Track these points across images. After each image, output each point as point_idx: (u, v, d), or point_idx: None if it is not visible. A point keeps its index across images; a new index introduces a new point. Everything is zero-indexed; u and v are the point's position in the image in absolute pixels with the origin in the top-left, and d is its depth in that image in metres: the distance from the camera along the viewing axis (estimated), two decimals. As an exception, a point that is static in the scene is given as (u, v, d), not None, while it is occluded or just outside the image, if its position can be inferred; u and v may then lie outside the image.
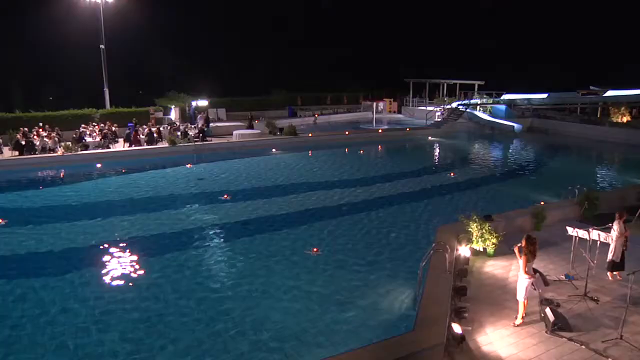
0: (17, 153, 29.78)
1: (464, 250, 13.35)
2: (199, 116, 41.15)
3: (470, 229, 14.15)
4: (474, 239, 14.14)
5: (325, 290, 12.91)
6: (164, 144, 33.85)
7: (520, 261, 10.37)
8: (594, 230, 12.06)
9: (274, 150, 34.56)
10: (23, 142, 30.01)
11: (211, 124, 39.92)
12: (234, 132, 38.01)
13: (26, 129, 32.14)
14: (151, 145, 33.50)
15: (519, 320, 10.47)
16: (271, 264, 14.72)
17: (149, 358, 10.05)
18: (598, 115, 45.50)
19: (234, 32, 67.58)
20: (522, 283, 10.39)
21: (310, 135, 39.32)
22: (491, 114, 47.81)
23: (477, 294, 11.83)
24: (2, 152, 30.33)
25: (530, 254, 10.35)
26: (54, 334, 10.95)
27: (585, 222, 15.84)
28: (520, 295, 10.42)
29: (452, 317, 10.29)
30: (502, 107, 48.26)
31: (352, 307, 11.99)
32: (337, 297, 12.50)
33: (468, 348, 9.57)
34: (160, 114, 42.49)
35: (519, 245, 10.54)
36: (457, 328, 9.65)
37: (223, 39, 66.86)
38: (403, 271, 13.84)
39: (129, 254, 15.55)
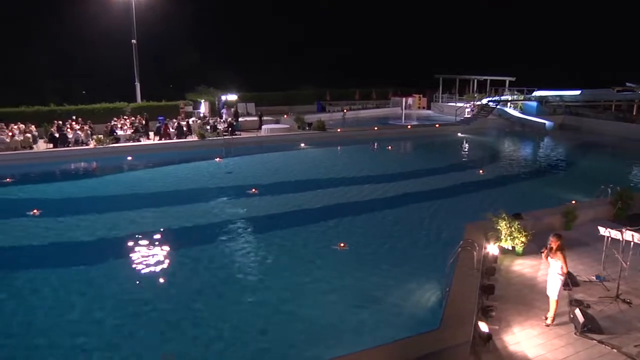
0: (51, 145, 30.52)
1: (492, 249, 13.20)
2: (223, 110, 41.51)
3: (499, 227, 13.97)
4: (502, 237, 13.96)
5: (352, 286, 12.92)
6: (193, 138, 34.23)
7: (553, 261, 10.15)
8: (627, 231, 11.75)
9: (302, 145, 34.63)
10: (57, 135, 30.71)
11: (240, 119, 40.19)
12: (263, 127, 38.19)
13: (60, 122, 32.86)
14: (181, 138, 33.91)
15: (549, 320, 10.30)
16: (298, 258, 14.79)
17: (176, 347, 10.21)
18: (634, 113, 44.27)
19: (263, 27, 67.77)
20: (556, 281, 10.20)
21: (338, 130, 39.27)
22: (522, 111, 47.03)
23: (505, 292, 11.67)
24: (37, 144, 31.12)
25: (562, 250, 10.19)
26: (86, 321, 11.23)
27: (618, 222, 15.49)
28: (555, 293, 10.22)
29: (479, 315, 10.19)
30: (534, 103, 47.44)
31: (378, 303, 11.98)
32: (364, 293, 12.50)
33: (494, 347, 9.46)
34: (190, 108, 42.98)
35: (546, 247, 10.33)
36: (483, 327, 9.55)
37: (254, 34, 67.16)
38: (430, 268, 13.72)
39: (158, 246, 15.80)
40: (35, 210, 19.11)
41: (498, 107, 46.46)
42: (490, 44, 68.18)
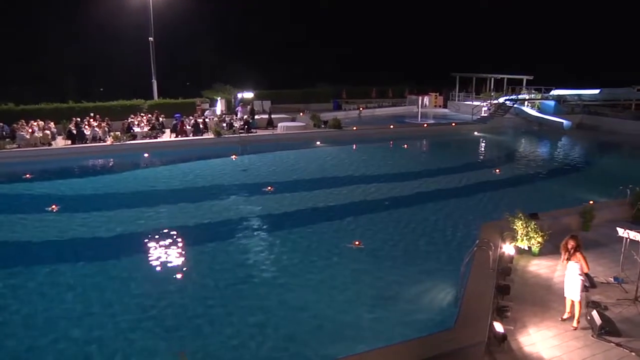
0: (69, 142, 30.90)
1: (508, 248, 13.12)
2: (237, 108, 41.68)
3: (515, 227, 13.88)
4: (518, 237, 13.87)
5: (367, 284, 12.93)
6: (209, 135, 34.43)
7: (572, 263, 10.03)
8: (646, 232, 11.61)
9: (318, 142, 34.64)
10: (75, 132, 31.06)
11: (256, 116, 40.32)
12: (279, 124, 38.26)
13: (78, 119, 33.23)
14: (197, 136, 34.12)
15: (575, 323, 10.16)
16: (312, 256, 14.82)
17: (191, 343, 10.29)
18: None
19: (279, 25, 67.87)
20: (577, 282, 10.07)
21: (354, 128, 39.22)
22: (539, 110, 46.56)
23: (521, 293, 11.59)
24: (55, 140, 31.54)
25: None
26: (101, 315, 11.37)
27: (637, 223, 15.30)
28: (577, 295, 10.10)
29: (494, 315, 10.14)
30: (551, 102, 46.94)
31: (393, 302, 11.97)
32: (379, 291, 12.49)
33: (510, 348, 9.41)
34: (206, 106, 43.22)
35: (565, 250, 10.21)
36: (499, 327, 9.49)
37: (270, 32, 67.26)
38: (445, 267, 13.69)
39: (173, 242, 15.93)
40: (54, 206, 19.35)
41: (515, 106, 46.07)
42: (507, 42, 67.61)
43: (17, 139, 29.88)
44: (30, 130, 30.74)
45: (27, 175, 24.78)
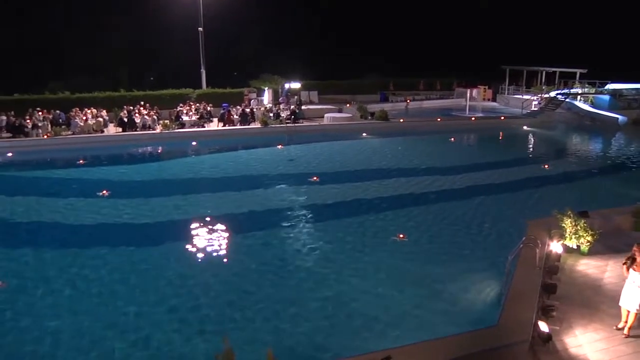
0: (120, 129, 31.83)
1: (555, 247, 12.78)
2: (281, 98, 41.95)
3: (563, 225, 13.50)
4: (567, 235, 13.49)
5: (409, 278, 12.89)
6: (256, 125, 34.81)
7: (637, 273, 9.61)
8: None
9: (364, 134, 34.53)
10: (126, 119, 31.97)
11: (303, 107, 40.48)
12: (326, 115, 38.34)
13: (131, 107, 34.18)
14: (244, 125, 34.54)
15: (626, 330, 9.72)
16: (356, 247, 14.86)
17: (230, 330, 10.50)
18: None
19: (329, 15, 67.72)
20: (637, 294, 9.56)
21: (401, 120, 38.89)
22: (593, 105, 44.97)
23: (568, 293, 11.29)
24: (107, 128, 32.55)
25: None
26: (143, 301, 11.74)
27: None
28: (636, 307, 9.57)
29: (539, 314, 9.93)
30: (606, 97, 45.18)
31: (436, 296, 11.90)
32: (422, 285, 12.44)
33: (554, 348, 9.20)
34: (254, 95, 43.69)
35: (629, 257, 9.83)
36: (543, 326, 9.29)
37: (319, 22, 67.20)
38: (489, 263, 13.48)
39: (218, 229, 16.23)
40: (104, 191, 20.02)
41: (567, 100, 44.65)
42: (561, 34, 65.44)
43: (72, 126, 31.00)
44: (84, 118, 31.84)
45: (81, 161, 25.74)
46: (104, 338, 10.28)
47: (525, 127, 40.04)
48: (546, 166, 26.11)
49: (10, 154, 27.43)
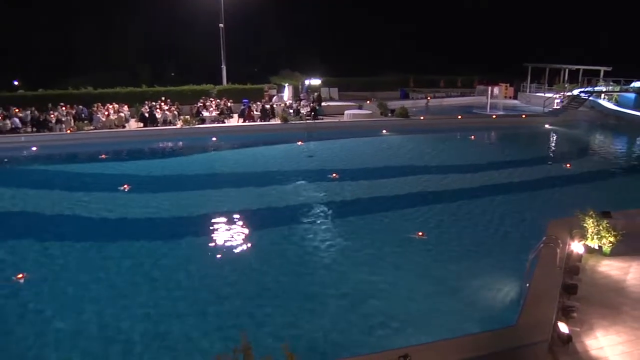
0: (141, 125, 32.18)
1: (576, 247, 12.61)
2: (302, 94, 42.03)
3: (585, 225, 13.29)
4: (588, 235, 13.29)
5: (427, 275, 12.83)
6: (276, 121, 34.92)
7: None
8: None
9: (384, 131, 34.43)
10: (147, 115, 32.30)
11: (323, 103, 40.51)
12: (346, 112, 38.30)
13: (153, 102, 34.52)
14: (264, 121, 34.67)
15: None
16: (374, 245, 14.79)
17: (248, 324, 10.57)
18: None
19: (349, 13, 67.54)
20: None
21: (421, 118, 38.70)
22: (617, 103, 44.20)
23: (589, 294, 11.13)
24: (128, 123, 32.94)
25: None
26: (169, 293, 11.87)
27: None
28: None
29: (559, 315, 9.81)
30: (631, 95, 44.34)
31: (454, 295, 11.81)
32: (440, 283, 12.37)
33: (574, 350, 9.08)
34: (274, 92, 43.85)
35: None
36: (563, 327, 9.18)
37: (341, 18, 67.09)
38: (509, 263, 13.32)
39: (237, 225, 16.33)
40: (126, 186, 20.26)
41: (590, 98, 43.96)
42: (586, 31, 64.40)
43: (94, 121, 31.43)
44: (106, 113, 32.25)
45: (103, 156, 26.10)
46: (124, 330, 10.40)
47: (547, 126, 39.53)
48: (568, 165, 25.75)
49: (34, 148, 27.94)
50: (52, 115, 30.60)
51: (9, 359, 9.52)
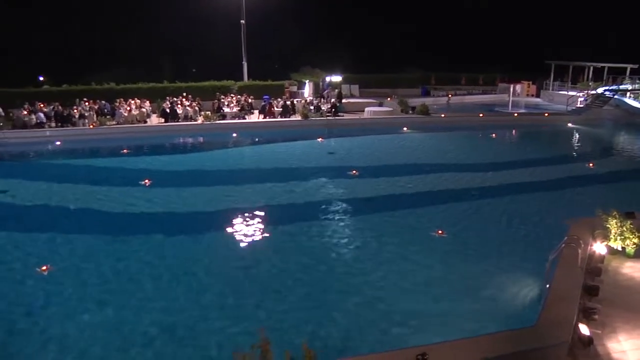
0: (163, 120, 32.47)
1: (599, 247, 12.43)
2: (325, 91, 42.00)
3: (607, 225, 13.08)
4: (611, 236, 13.08)
5: (446, 274, 12.76)
6: (297, 117, 34.98)
7: None
8: None
9: (405, 129, 34.26)
10: (168, 110, 32.58)
11: (344, 100, 40.46)
12: (366, 109, 38.19)
13: (174, 98, 34.82)
14: (285, 117, 34.76)
15: None
16: (394, 242, 14.77)
17: (266, 321, 10.63)
18: None
19: (371, 9, 67.33)
20: None
21: (442, 115, 38.38)
22: (643, 102, 43.38)
23: (611, 295, 10.95)
24: (150, 118, 33.27)
25: None
26: (188, 288, 12.00)
27: None
28: None
29: (580, 317, 9.69)
30: (659, 94, 43.52)
31: (472, 294, 11.73)
32: (460, 282, 12.30)
33: (595, 353, 8.95)
34: (294, 88, 43.91)
35: None
36: (584, 329, 9.06)
37: (361, 15, 66.90)
38: (530, 263, 13.17)
39: (257, 221, 16.39)
40: (147, 180, 20.49)
41: (615, 97, 43.18)
42: (611, 28, 63.15)
43: (116, 116, 31.82)
44: (128, 108, 32.63)
45: (124, 151, 26.40)
46: (144, 323, 10.53)
47: (570, 124, 38.92)
48: (591, 165, 25.35)
49: (58, 143, 28.40)
50: (75, 110, 31.04)
51: (32, 350, 9.71)
